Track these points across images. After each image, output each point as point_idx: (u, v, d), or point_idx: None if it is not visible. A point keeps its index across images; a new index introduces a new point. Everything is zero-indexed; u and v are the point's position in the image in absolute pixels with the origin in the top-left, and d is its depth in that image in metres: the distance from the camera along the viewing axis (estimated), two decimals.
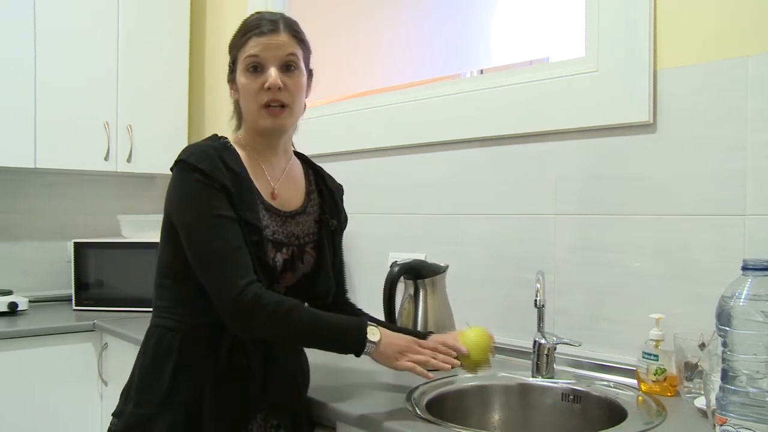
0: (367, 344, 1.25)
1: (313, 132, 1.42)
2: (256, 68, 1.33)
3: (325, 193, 1.50)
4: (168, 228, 1.32)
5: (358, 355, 1.27)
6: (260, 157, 1.40)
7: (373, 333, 1.27)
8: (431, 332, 1.48)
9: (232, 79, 1.39)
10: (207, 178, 1.25)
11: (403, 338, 1.31)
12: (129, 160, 2.89)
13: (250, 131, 1.40)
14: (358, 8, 2.80)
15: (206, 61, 3.12)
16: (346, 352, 1.28)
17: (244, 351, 1.31)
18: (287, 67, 1.34)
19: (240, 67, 1.35)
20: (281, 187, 1.41)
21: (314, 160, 1.56)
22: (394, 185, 2.21)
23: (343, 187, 1.58)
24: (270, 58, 1.33)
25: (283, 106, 1.34)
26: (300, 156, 1.53)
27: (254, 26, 1.34)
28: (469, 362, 1.37)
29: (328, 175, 1.56)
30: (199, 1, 3.20)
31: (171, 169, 1.31)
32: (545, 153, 1.80)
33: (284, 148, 1.46)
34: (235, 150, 1.36)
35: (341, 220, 1.53)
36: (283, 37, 1.34)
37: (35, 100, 2.63)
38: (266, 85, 1.32)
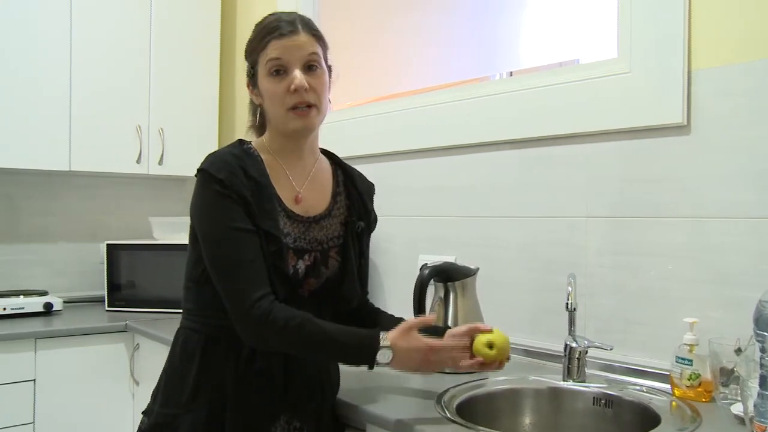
0: (376, 365, 1.25)
1: (343, 134, 1.43)
2: (279, 71, 1.32)
3: (353, 195, 1.48)
4: (192, 233, 1.35)
5: (370, 368, 1.26)
6: (285, 161, 1.40)
7: (384, 355, 1.24)
8: (449, 327, 1.47)
9: (253, 84, 1.39)
10: (225, 189, 1.26)
11: (419, 348, 1.26)
12: (160, 162, 2.93)
13: (276, 135, 1.40)
14: (386, 10, 2.80)
15: (237, 64, 3.14)
16: (357, 365, 1.27)
17: (266, 353, 1.31)
18: (310, 67, 1.34)
19: (262, 71, 1.34)
20: (306, 191, 1.41)
21: (353, 167, 1.55)
22: (423, 187, 2.21)
23: (374, 186, 1.57)
24: (292, 60, 1.32)
25: (309, 106, 1.34)
26: (329, 155, 1.52)
27: (273, 29, 1.33)
28: (493, 349, 1.32)
29: (359, 174, 1.54)
30: (230, 4, 3.23)
31: (195, 176, 1.32)
32: (576, 155, 1.79)
33: (311, 149, 1.45)
34: (258, 156, 1.35)
35: (370, 221, 1.52)
36: (303, 37, 1.33)
37: (70, 105, 2.68)
38: (292, 87, 1.31)
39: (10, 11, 2.54)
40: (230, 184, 1.26)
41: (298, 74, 1.31)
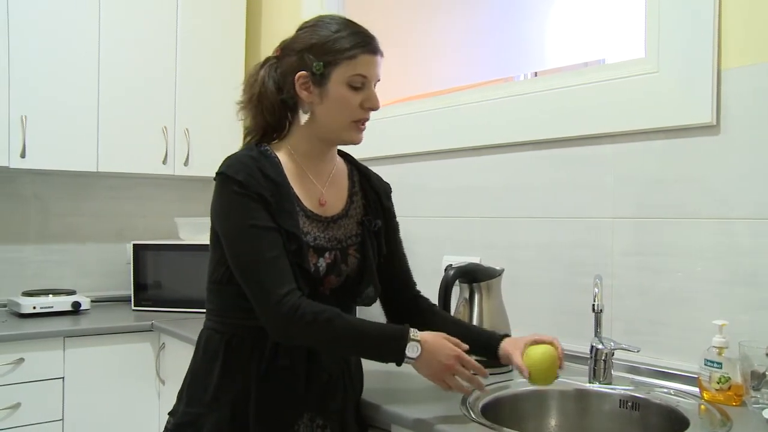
0: (406, 359, 1.25)
1: (368, 135, 1.42)
2: (361, 86, 1.34)
3: (369, 194, 1.49)
4: (213, 235, 1.36)
5: (398, 364, 1.26)
6: (306, 164, 1.40)
7: (413, 349, 1.24)
8: (507, 335, 1.46)
9: (316, 84, 1.34)
10: (244, 189, 1.27)
11: (447, 354, 1.27)
12: (186, 163, 2.95)
13: (309, 138, 1.40)
14: (411, 11, 2.81)
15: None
16: (385, 361, 1.27)
17: (288, 352, 1.32)
18: (374, 85, 1.38)
19: (340, 78, 1.32)
20: (325, 192, 1.42)
21: (368, 164, 1.57)
22: (448, 188, 2.21)
23: (391, 186, 1.57)
24: (372, 77, 1.35)
25: (366, 120, 1.39)
26: (343, 155, 1.53)
27: (365, 42, 1.33)
28: (531, 379, 1.35)
29: (374, 174, 1.55)
30: (255, 6, 3.26)
31: (214, 179, 1.33)
32: (602, 156, 1.77)
33: (332, 154, 1.47)
34: (275, 157, 1.36)
35: (389, 219, 1.53)
36: (379, 58, 1.36)
37: (98, 106, 2.72)
38: (368, 105, 1.35)
39: (40, 15, 2.58)
40: (249, 185, 1.27)
41: (375, 95, 1.36)
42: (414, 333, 1.26)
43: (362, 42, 1.33)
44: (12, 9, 2.51)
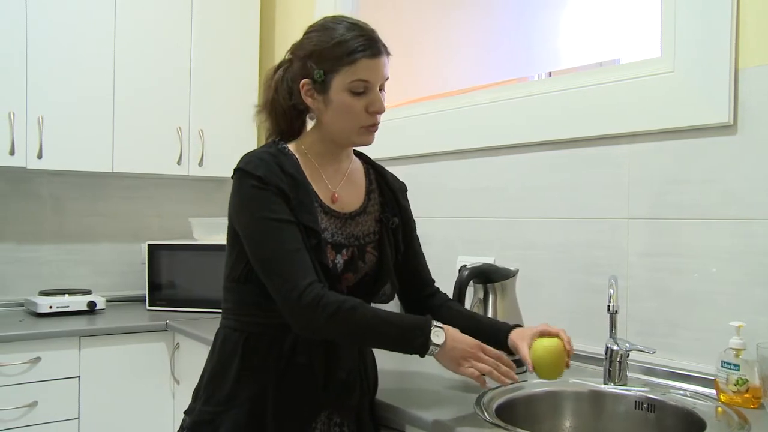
0: (431, 346, 1.24)
1: (382, 136, 1.42)
2: (363, 91, 1.32)
3: (386, 192, 1.50)
4: (231, 234, 1.36)
5: (422, 356, 1.26)
6: (321, 164, 1.41)
7: (438, 335, 1.25)
8: (518, 325, 1.45)
9: (319, 91, 1.33)
10: (263, 183, 1.27)
11: (469, 342, 1.28)
12: (200, 164, 2.97)
13: (321, 140, 1.40)
14: (426, 12, 2.81)
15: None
16: (409, 353, 1.27)
17: (306, 350, 1.32)
18: (380, 87, 1.35)
19: (341, 84, 1.31)
20: (342, 190, 1.42)
21: (383, 164, 1.57)
22: (462, 188, 2.20)
23: (406, 185, 1.58)
24: (375, 81, 1.32)
25: (375, 124, 1.37)
26: (360, 156, 1.54)
27: (364, 46, 1.30)
28: (538, 373, 1.35)
29: (390, 173, 1.56)
30: (269, 7, 3.27)
31: (231, 177, 1.33)
32: (617, 156, 1.76)
33: (347, 153, 1.47)
34: (293, 155, 1.37)
35: (407, 217, 1.53)
36: (384, 59, 1.34)
37: (113, 108, 2.74)
38: (373, 109, 1.33)
39: (56, 19, 2.60)
40: (268, 180, 1.27)
41: (380, 98, 1.34)
42: (436, 323, 1.26)
43: (362, 46, 1.30)
44: (30, 12, 2.54)
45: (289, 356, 1.32)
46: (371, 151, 1.53)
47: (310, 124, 1.44)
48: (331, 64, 1.30)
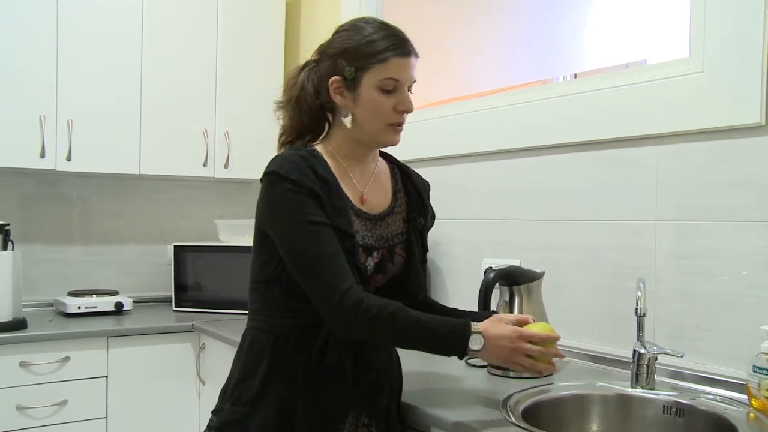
0: (470, 348, 1.24)
1: (407, 137, 1.42)
2: (393, 89, 1.34)
3: (411, 192, 1.51)
4: (259, 236, 1.36)
5: (460, 357, 1.27)
6: (349, 165, 1.41)
7: (475, 341, 1.24)
8: (495, 312, 1.45)
9: (348, 88, 1.34)
10: (298, 187, 1.27)
11: (508, 336, 1.26)
12: (226, 166, 2.99)
13: (348, 140, 1.40)
14: (450, 14, 2.80)
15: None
16: (448, 355, 1.28)
17: (336, 350, 1.32)
18: (408, 88, 1.37)
19: (372, 82, 1.32)
20: (369, 191, 1.43)
21: (408, 166, 1.57)
22: (487, 190, 2.19)
23: (430, 184, 1.58)
24: (405, 80, 1.34)
25: (402, 123, 1.38)
26: (385, 156, 1.54)
27: (396, 44, 1.32)
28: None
29: (414, 172, 1.56)
30: (294, 9, 3.29)
31: (261, 180, 1.33)
32: (645, 158, 1.74)
33: (373, 154, 1.48)
34: (322, 157, 1.37)
35: (428, 217, 1.53)
36: (413, 60, 1.36)
37: (141, 111, 2.78)
38: (402, 108, 1.35)
39: (86, 23, 2.65)
40: (302, 183, 1.27)
41: (408, 97, 1.35)
42: (474, 326, 1.26)
43: (394, 45, 1.32)
44: (61, 16, 2.58)
45: (318, 357, 1.32)
46: (395, 153, 1.54)
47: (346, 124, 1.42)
48: (362, 62, 1.32)
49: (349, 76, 1.33)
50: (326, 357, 1.32)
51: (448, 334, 1.26)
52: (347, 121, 1.37)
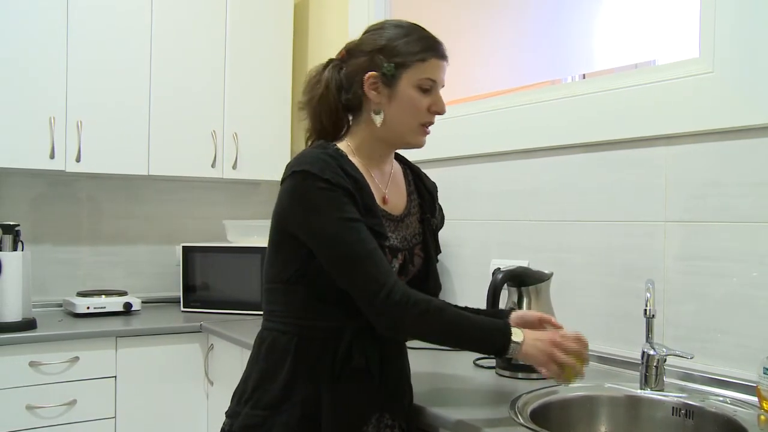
0: (511, 346, 1.26)
1: None
2: (430, 89, 1.36)
3: (423, 192, 1.51)
4: (278, 236, 1.33)
5: (500, 356, 1.29)
6: (371, 165, 1.40)
7: (517, 334, 1.26)
8: (512, 309, 1.47)
9: (386, 84, 1.34)
10: (332, 185, 1.25)
11: (545, 338, 1.28)
12: (234, 166, 3.00)
13: (371, 140, 1.39)
14: (458, 14, 2.80)
15: (309, 68, 3.18)
16: (489, 353, 1.31)
17: (362, 352, 1.31)
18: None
19: (410, 80, 1.34)
20: (390, 192, 1.43)
21: (418, 166, 1.58)
22: (496, 191, 2.19)
23: (437, 185, 1.58)
24: (440, 82, 1.38)
25: (432, 124, 1.40)
26: (398, 157, 1.54)
27: (434, 46, 1.36)
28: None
29: (424, 173, 1.57)
30: (302, 10, 3.29)
31: (283, 180, 1.30)
32: (654, 158, 1.74)
33: (392, 156, 1.48)
34: (347, 157, 1.35)
35: (439, 218, 1.54)
36: (446, 63, 1.39)
37: (149, 112, 2.79)
38: (435, 109, 1.37)
39: (95, 25, 2.66)
40: (336, 182, 1.25)
41: (442, 99, 1.38)
42: (514, 328, 1.28)
43: (432, 46, 1.35)
44: (71, 19, 2.60)
45: (344, 358, 1.30)
46: (406, 153, 1.54)
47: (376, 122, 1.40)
48: (403, 59, 1.33)
49: (389, 72, 1.33)
50: (353, 358, 1.30)
51: (491, 330, 1.27)
52: (378, 118, 1.36)
